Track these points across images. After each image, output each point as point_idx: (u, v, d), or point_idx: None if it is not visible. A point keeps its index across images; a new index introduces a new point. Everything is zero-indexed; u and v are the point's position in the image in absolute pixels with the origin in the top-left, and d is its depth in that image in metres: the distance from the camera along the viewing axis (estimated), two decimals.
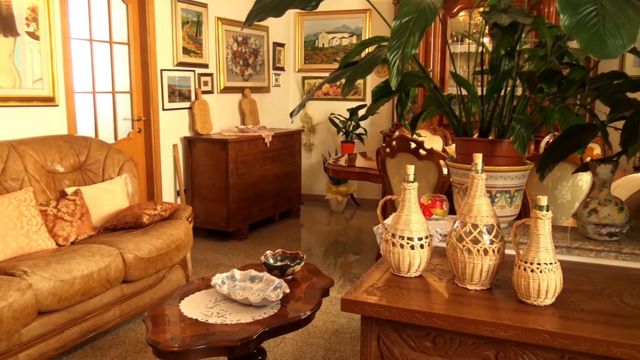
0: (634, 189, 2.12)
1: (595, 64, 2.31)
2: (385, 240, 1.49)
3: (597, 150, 3.94)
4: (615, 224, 1.57)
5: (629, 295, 1.32)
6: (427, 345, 1.28)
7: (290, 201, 5.98)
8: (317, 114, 6.75)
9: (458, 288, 1.38)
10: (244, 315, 2.03)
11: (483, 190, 1.35)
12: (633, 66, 5.16)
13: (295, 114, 1.77)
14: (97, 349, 2.99)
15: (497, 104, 1.71)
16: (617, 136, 1.68)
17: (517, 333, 1.16)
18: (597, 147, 3.97)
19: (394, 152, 3.48)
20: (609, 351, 1.09)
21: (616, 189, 2.16)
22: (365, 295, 1.33)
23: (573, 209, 2.94)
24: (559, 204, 3.07)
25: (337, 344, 3.09)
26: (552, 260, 1.24)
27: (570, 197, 3.04)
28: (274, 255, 2.49)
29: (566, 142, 1.71)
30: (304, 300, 2.19)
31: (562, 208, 3.06)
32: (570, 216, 2.94)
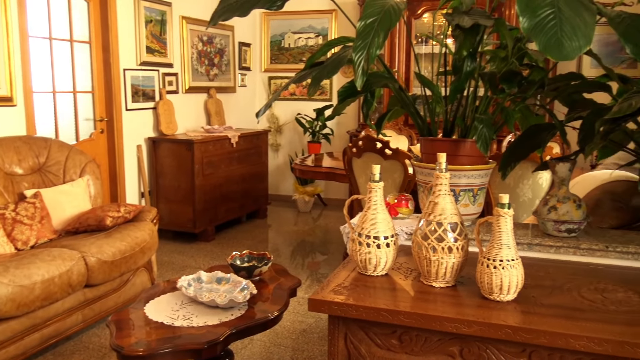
0: (591, 186, 2.19)
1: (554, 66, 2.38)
2: (351, 240, 1.49)
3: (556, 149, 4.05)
4: (573, 221, 1.62)
5: (587, 289, 1.36)
6: (394, 342, 1.29)
7: (257, 202, 5.95)
8: (284, 114, 6.74)
9: (423, 286, 1.40)
10: (210, 317, 2.01)
11: (447, 189, 1.38)
12: (590, 67, 5.33)
13: (261, 114, 1.77)
14: (58, 355, 2.91)
15: (460, 104, 1.74)
16: (575, 135, 1.73)
17: (481, 329, 1.18)
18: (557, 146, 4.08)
19: (361, 152, 3.50)
20: (567, 344, 1.12)
21: (574, 187, 2.22)
22: (332, 294, 1.33)
23: (534, 207, 3.01)
24: (520, 202, 3.14)
25: (305, 343, 3.09)
26: (514, 256, 1.27)
27: (531, 195, 3.12)
28: (241, 257, 2.47)
29: (527, 142, 1.75)
30: (272, 301, 2.18)
31: (523, 206, 3.14)
32: (531, 213, 3.02)
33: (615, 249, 1.56)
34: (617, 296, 1.32)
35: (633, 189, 2.02)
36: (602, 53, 5.05)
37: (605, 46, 5.13)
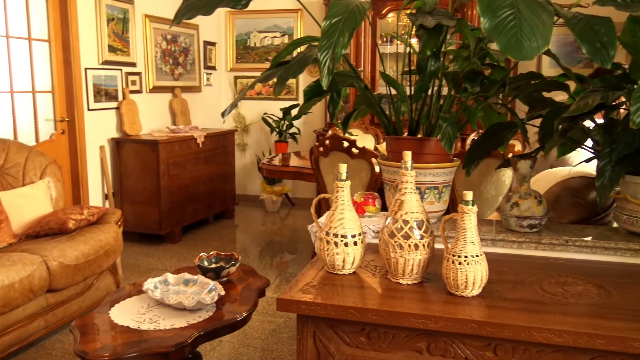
0: (551, 182, 2.25)
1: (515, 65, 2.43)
2: (319, 239, 1.50)
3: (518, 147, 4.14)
4: (535, 217, 1.66)
5: (548, 283, 1.40)
6: (362, 340, 1.30)
7: (225, 202, 5.91)
8: (250, 114, 6.70)
9: (391, 283, 1.41)
10: (178, 319, 1.99)
11: (413, 187, 1.39)
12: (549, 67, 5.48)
13: (227, 113, 1.75)
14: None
15: (425, 103, 1.76)
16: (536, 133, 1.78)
17: (447, 324, 1.20)
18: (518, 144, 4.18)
19: (328, 151, 3.51)
20: (530, 336, 1.15)
21: (535, 184, 2.28)
22: (300, 294, 1.33)
23: (497, 203, 3.08)
24: (484, 199, 3.21)
25: (275, 343, 3.09)
26: (478, 252, 1.30)
27: (495, 192, 3.19)
28: (209, 258, 2.45)
29: (489, 140, 1.79)
30: (240, 301, 2.17)
31: (487, 202, 3.20)
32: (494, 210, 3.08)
33: (575, 243, 1.61)
34: (576, 289, 1.36)
35: (591, 185, 2.08)
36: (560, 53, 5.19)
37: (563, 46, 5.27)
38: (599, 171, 1.53)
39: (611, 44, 1.29)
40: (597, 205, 2.02)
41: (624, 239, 1.61)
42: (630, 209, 1.62)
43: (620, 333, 1.11)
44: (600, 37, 1.30)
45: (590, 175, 2.16)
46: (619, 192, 1.67)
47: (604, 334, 1.11)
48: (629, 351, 1.10)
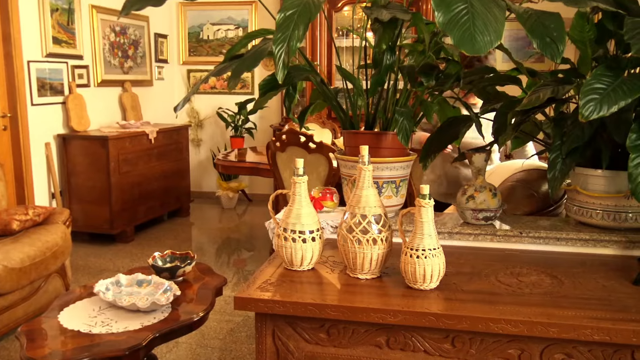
0: (505, 175, 2.32)
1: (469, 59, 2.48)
2: (277, 235, 1.49)
3: None
4: (490, 209, 1.71)
5: (503, 274, 1.44)
6: (322, 336, 1.31)
7: (179, 199, 5.82)
8: (205, 109, 6.61)
9: (350, 278, 1.42)
10: (131, 322, 1.94)
11: (370, 181, 1.40)
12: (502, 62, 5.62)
13: (179, 108, 1.72)
14: None
15: (382, 97, 1.78)
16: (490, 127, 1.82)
17: (406, 317, 1.22)
18: None
19: (284, 146, 3.50)
20: (487, 327, 1.18)
21: (490, 177, 2.34)
22: (258, 291, 1.32)
23: None
24: None
25: (233, 343, 3.06)
26: (436, 245, 1.32)
27: None
28: (163, 257, 2.41)
29: (445, 133, 1.82)
30: (196, 301, 2.14)
31: None
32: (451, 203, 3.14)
33: (528, 235, 1.66)
34: (530, 279, 1.40)
35: (543, 177, 2.15)
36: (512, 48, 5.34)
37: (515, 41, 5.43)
38: (550, 163, 1.58)
39: (560, 39, 1.33)
40: (549, 197, 2.09)
41: (575, 230, 1.67)
42: (580, 200, 1.69)
43: (572, 321, 1.15)
44: (550, 32, 1.33)
45: (543, 168, 2.24)
46: (569, 184, 1.73)
47: (557, 322, 1.15)
48: (581, 339, 1.15)
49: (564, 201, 2.07)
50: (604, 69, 1.37)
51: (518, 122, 1.61)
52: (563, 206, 2.11)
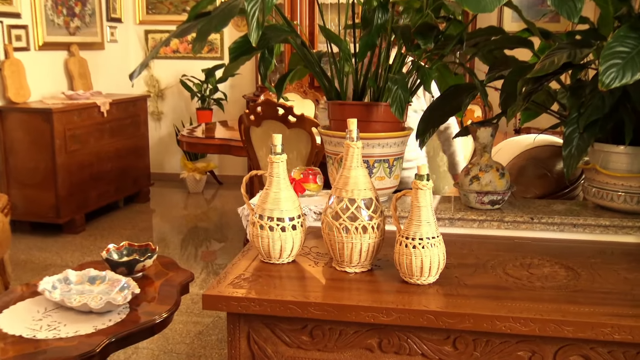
0: (515, 153, 2.33)
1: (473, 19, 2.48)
2: (252, 223, 1.49)
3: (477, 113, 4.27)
4: (497, 191, 1.72)
5: (512, 266, 1.46)
6: (304, 339, 1.31)
7: (137, 183, 5.79)
8: (166, 76, 6.54)
9: (336, 272, 1.43)
10: (83, 325, 1.94)
11: (359, 160, 1.40)
12: (511, 21, 5.63)
13: (136, 75, 1.70)
14: None
15: (372, 63, 1.77)
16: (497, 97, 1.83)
17: (401, 316, 1.23)
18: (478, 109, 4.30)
19: (260, 119, 3.48)
20: (493, 326, 1.19)
21: (497, 154, 2.36)
22: (230, 288, 1.32)
23: None
24: (441, 172, 3.29)
25: (202, 348, 3.08)
26: (435, 234, 1.33)
27: None
28: (119, 250, 2.40)
29: (445, 104, 1.82)
30: (159, 300, 2.14)
31: (444, 177, 3.29)
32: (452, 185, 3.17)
33: (541, 220, 1.68)
34: (543, 271, 1.42)
35: (557, 155, 2.17)
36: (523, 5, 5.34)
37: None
38: (566, 139, 1.59)
39: None
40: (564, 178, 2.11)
41: (593, 215, 1.69)
42: (599, 181, 1.70)
43: (589, 319, 1.17)
44: None
45: (557, 144, 2.25)
46: (587, 162, 1.74)
47: (572, 320, 1.17)
48: (600, 338, 1.17)
49: (581, 182, 2.10)
50: (628, 29, 1.37)
51: (529, 91, 1.61)
52: (580, 188, 2.14)
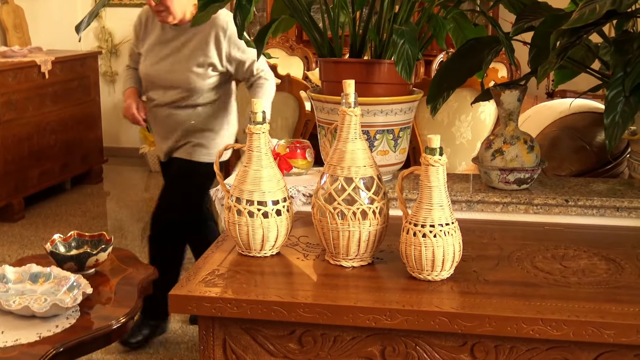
0: (547, 121, 2.34)
1: None
2: (227, 208, 1.49)
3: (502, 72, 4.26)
4: (524, 168, 1.72)
5: (542, 257, 1.47)
6: (292, 347, 1.32)
7: (87, 159, 5.77)
8: (121, 29, 6.49)
9: (330, 266, 1.43)
10: (24, 332, 1.95)
11: (358, 130, 1.40)
12: None
13: (83, 27, 1.69)
14: None
15: (373, 12, 1.76)
16: (526, 53, 1.82)
17: (408, 319, 1.24)
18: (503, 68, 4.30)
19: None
20: (519, 331, 1.21)
21: (525, 122, 2.36)
22: (202, 286, 1.33)
23: (475, 151, 3.17)
24: (457, 145, 3.29)
25: (168, 358, 3.10)
26: (449, 220, 1.33)
27: (471, 136, 3.27)
28: (66, 241, 2.40)
29: (463, 62, 1.82)
30: (116, 301, 2.15)
31: (461, 150, 3.29)
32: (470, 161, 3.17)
33: (577, 203, 1.69)
34: (579, 264, 1.43)
35: (598, 124, 2.17)
36: None
37: None
38: (609, 104, 1.59)
39: None
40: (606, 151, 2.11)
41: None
42: None
43: (634, 320, 1.18)
44: None
45: (598, 111, 2.26)
46: (634, 132, 1.75)
47: (614, 322, 1.18)
48: None
49: (626, 156, 2.11)
50: None
51: (565, 45, 1.61)
52: (625, 164, 2.15)
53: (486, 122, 3.29)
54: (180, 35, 2.92)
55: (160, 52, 2.97)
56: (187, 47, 2.91)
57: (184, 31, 2.91)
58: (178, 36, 2.93)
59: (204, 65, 2.90)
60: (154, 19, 2.97)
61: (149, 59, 3.01)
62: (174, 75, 2.93)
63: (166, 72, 2.95)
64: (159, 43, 2.98)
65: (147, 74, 3.04)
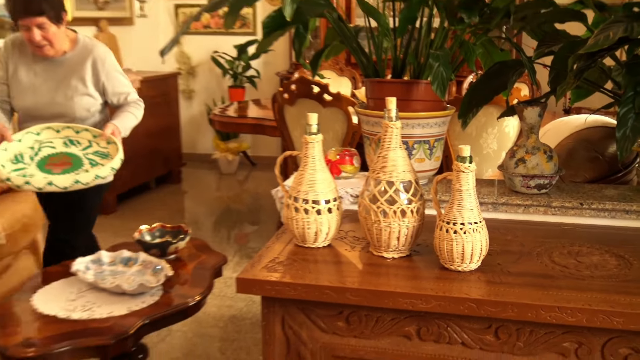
0: (564, 134, 2.29)
1: None
2: (286, 206, 1.50)
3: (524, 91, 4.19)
4: (544, 175, 1.69)
5: (559, 253, 1.44)
6: (340, 325, 1.33)
7: (169, 163, 5.86)
8: (197, 53, 6.58)
9: (373, 257, 1.43)
10: (117, 306, 1.99)
11: (398, 141, 1.40)
12: None
13: (166, 52, 1.72)
14: None
15: (412, 38, 1.75)
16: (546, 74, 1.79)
17: (440, 304, 1.23)
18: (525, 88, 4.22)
19: (294, 98, 3.48)
20: (538, 316, 1.19)
21: (545, 135, 2.32)
22: (265, 272, 1.34)
23: (500, 160, 3.12)
24: (484, 155, 3.25)
25: (235, 332, 3.13)
26: (477, 219, 1.32)
27: (497, 146, 3.23)
28: (151, 231, 2.45)
29: (490, 83, 1.80)
30: (192, 283, 2.18)
31: (487, 159, 3.25)
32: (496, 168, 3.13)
33: (591, 206, 1.65)
34: (592, 260, 1.40)
35: (610, 137, 2.12)
36: None
37: None
38: (620, 119, 1.55)
39: None
40: (617, 161, 2.06)
41: None
42: None
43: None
44: None
45: (610, 125, 2.21)
46: None
47: (623, 311, 1.16)
48: None
49: (635, 166, 2.05)
50: None
51: (581, 68, 1.58)
52: (634, 172, 2.09)
53: (510, 134, 3.25)
54: (58, 68, 2.64)
55: (41, 85, 2.63)
56: (68, 78, 2.64)
57: (61, 63, 2.64)
58: (55, 68, 2.64)
59: (85, 94, 2.66)
60: (21, 51, 2.64)
61: (27, 93, 2.63)
62: (57, 107, 2.63)
63: (48, 104, 2.63)
64: (35, 75, 2.64)
65: (26, 107, 2.67)
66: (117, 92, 2.76)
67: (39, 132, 2.52)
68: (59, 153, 2.52)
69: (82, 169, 2.48)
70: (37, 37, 2.48)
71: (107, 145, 2.59)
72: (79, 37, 2.71)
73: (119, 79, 2.77)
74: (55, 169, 2.44)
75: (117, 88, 2.76)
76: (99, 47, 2.71)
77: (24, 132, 2.50)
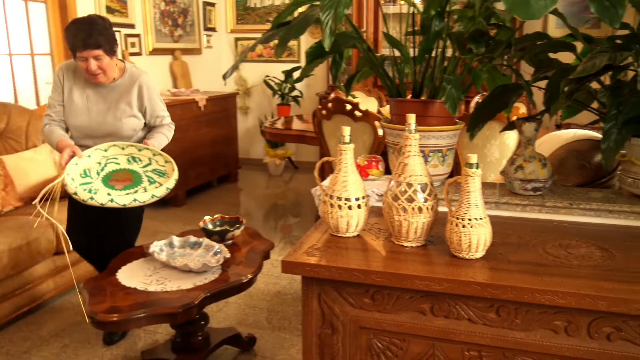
0: (556, 145, 2.24)
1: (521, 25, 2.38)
2: (323, 202, 1.50)
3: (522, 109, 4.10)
4: (539, 179, 1.66)
5: (552, 245, 1.41)
6: (367, 301, 1.32)
7: (228, 165, 5.91)
8: (252, 77, 6.63)
9: (394, 246, 1.42)
10: (184, 281, 2.01)
11: (417, 149, 1.38)
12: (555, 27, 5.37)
13: (228, 76, 1.73)
14: (32, 323, 2.89)
15: (429, 65, 1.73)
16: (541, 95, 1.75)
17: (450, 286, 1.21)
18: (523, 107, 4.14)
19: (330, 114, 3.48)
20: (533, 298, 1.16)
21: (540, 146, 2.27)
22: (305, 256, 1.34)
23: (501, 166, 3.07)
24: (488, 162, 3.20)
25: (280, 305, 3.14)
26: (482, 215, 1.29)
27: (499, 155, 3.17)
28: (213, 221, 2.47)
29: (494, 102, 1.77)
30: (245, 264, 2.19)
31: (491, 165, 3.19)
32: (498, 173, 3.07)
33: (579, 206, 1.61)
34: (580, 251, 1.37)
35: (596, 148, 2.07)
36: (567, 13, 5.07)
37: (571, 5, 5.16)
38: (605, 134, 1.51)
39: (620, 2, 1.25)
40: (602, 168, 2.01)
41: (628, 202, 1.61)
42: (635, 172, 1.61)
43: (622, 295, 1.12)
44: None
45: (596, 138, 2.15)
46: (624, 155, 1.65)
47: (606, 295, 1.12)
48: (632, 312, 1.11)
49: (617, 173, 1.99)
50: None
51: (571, 90, 1.54)
52: (616, 178, 2.03)
53: (510, 145, 3.18)
54: (109, 93, 2.57)
55: (93, 107, 2.57)
56: (117, 102, 2.58)
57: (111, 89, 2.58)
58: (107, 93, 2.57)
59: (132, 116, 2.61)
60: (75, 76, 2.58)
61: (81, 114, 2.56)
62: (107, 126, 2.57)
63: (100, 124, 2.56)
64: (88, 99, 2.57)
65: (78, 126, 2.58)
66: (155, 115, 2.69)
67: (107, 148, 2.42)
68: (122, 169, 2.43)
69: (141, 185, 2.39)
70: (93, 67, 2.41)
71: (165, 164, 2.50)
72: (126, 66, 2.64)
73: (159, 104, 2.70)
74: (118, 185, 2.35)
75: (155, 112, 2.69)
76: (144, 75, 2.64)
77: (93, 149, 2.40)
